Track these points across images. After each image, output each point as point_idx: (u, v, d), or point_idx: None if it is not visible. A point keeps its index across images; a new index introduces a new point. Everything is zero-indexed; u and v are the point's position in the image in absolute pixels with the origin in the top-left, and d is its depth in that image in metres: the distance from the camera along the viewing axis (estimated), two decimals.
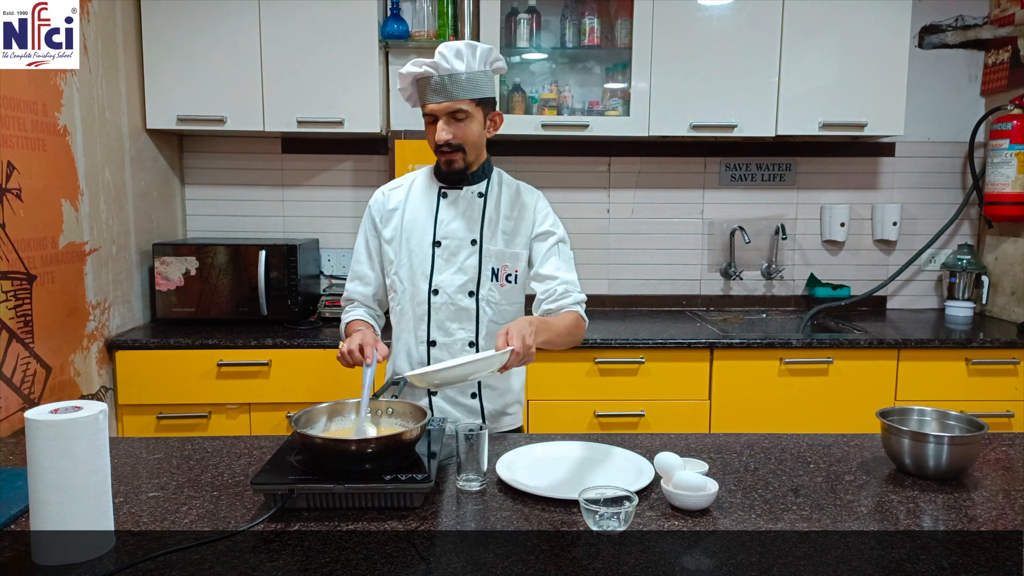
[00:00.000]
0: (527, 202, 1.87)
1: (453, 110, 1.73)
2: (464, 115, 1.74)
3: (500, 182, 1.89)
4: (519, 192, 1.89)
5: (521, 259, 1.86)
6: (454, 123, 1.74)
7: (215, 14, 2.89)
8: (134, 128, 2.89)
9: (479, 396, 1.88)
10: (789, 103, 3.00)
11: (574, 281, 1.85)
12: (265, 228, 3.36)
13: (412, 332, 1.87)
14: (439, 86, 1.71)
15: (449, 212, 1.85)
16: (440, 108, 1.73)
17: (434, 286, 1.83)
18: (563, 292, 1.81)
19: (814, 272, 3.45)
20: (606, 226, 3.41)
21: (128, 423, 2.73)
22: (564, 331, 1.75)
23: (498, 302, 1.85)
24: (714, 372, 2.80)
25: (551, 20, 3.17)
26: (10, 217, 2.11)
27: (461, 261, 1.83)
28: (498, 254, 1.83)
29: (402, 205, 1.89)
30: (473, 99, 1.74)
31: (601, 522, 1.25)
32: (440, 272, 1.83)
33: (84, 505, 1.14)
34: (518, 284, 1.86)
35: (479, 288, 1.83)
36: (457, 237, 1.83)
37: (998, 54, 3.28)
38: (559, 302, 1.81)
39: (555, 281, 1.82)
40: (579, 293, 1.84)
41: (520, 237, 1.85)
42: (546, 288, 1.83)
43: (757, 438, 1.74)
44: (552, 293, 1.82)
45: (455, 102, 1.72)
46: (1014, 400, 2.84)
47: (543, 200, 1.91)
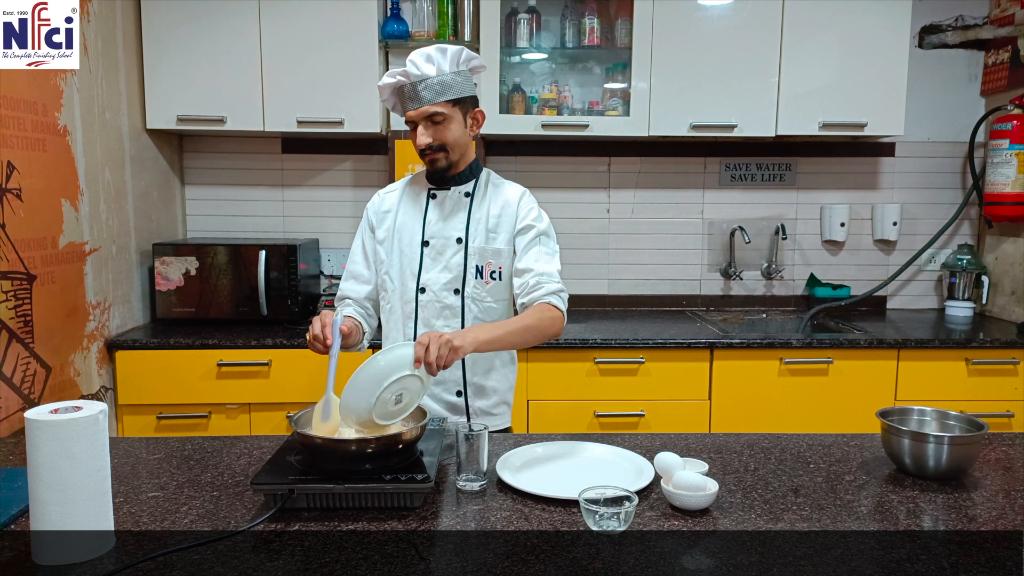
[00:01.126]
0: (511, 199, 1.88)
1: (429, 114, 1.76)
2: (441, 117, 1.76)
3: (487, 182, 1.92)
4: (504, 190, 1.91)
5: (504, 255, 1.86)
6: (433, 126, 1.77)
7: (215, 14, 2.89)
8: (134, 128, 2.89)
9: (464, 395, 1.90)
10: (789, 103, 3.00)
11: (551, 273, 1.81)
12: (265, 228, 3.36)
13: (401, 330, 1.90)
14: (412, 92, 1.76)
15: (436, 212, 1.88)
16: (416, 114, 1.76)
17: (421, 284, 1.86)
18: (535, 284, 1.79)
19: (814, 272, 3.45)
20: (606, 226, 3.41)
21: (128, 423, 2.73)
22: (521, 328, 1.70)
23: (483, 299, 1.87)
24: (714, 372, 2.80)
25: (551, 20, 3.17)
26: (10, 217, 2.11)
27: (447, 260, 1.86)
28: (481, 251, 1.85)
29: (395, 207, 1.93)
30: (448, 100, 1.76)
31: (601, 522, 1.25)
32: (427, 271, 1.86)
33: (84, 505, 1.14)
34: (503, 281, 1.87)
35: (464, 286, 1.85)
36: (443, 236, 1.86)
37: (998, 54, 3.28)
38: (531, 295, 1.78)
39: (529, 274, 1.81)
40: (554, 283, 1.79)
41: (503, 234, 1.86)
42: (521, 282, 1.81)
43: (757, 438, 1.74)
44: (525, 286, 1.80)
45: (429, 106, 1.75)
46: (1014, 400, 2.84)
47: (528, 196, 1.91)
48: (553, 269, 1.83)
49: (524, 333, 1.71)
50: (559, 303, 1.79)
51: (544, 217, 1.89)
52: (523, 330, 1.71)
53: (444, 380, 1.89)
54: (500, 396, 1.95)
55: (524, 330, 1.71)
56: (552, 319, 1.76)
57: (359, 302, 1.96)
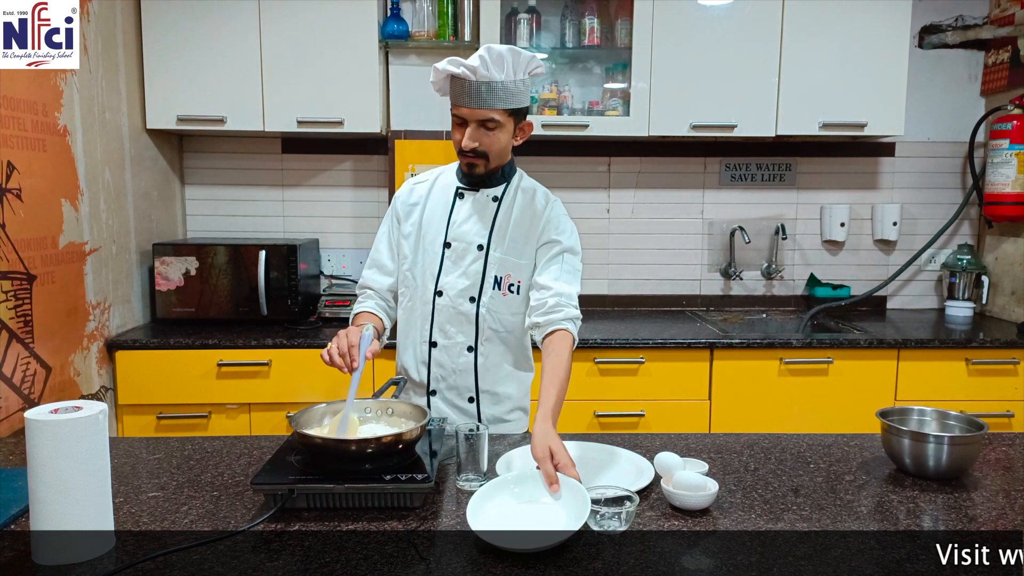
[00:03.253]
0: (539, 209, 1.80)
1: (485, 119, 1.67)
2: (495, 124, 1.68)
3: (518, 187, 1.83)
4: (534, 198, 1.82)
5: (525, 270, 1.80)
6: (483, 131, 1.69)
7: (215, 14, 2.89)
8: (134, 128, 2.89)
9: (476, 401, 1.85)
10: (789, 103, 3.00)
11: (570, 294, 1.73)
12: (265, 228, 3.36)
13: (419, 331, 1.85)
14: (474, 91, 1.64)
15: (462, 213, 1.82)
16: (472, 114, 1.67)
17: (439, 288, 1.81)
18: (554, 305, 1.70)
19: (814, 272, 3.45)
20: (606, 226, 3.41)
21: (128, 423, 2.73)
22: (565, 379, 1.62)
23: (499, 311, 1.81)
24: (714, 372, 2.80)
25: (551, 20, 3.17)
26: (10, 217, 2.11)
27: (466, 266, 1.80)
28: (502, 262, 1.79)
29: (423, 200, 1.86)
30: (507, 109, 1.68)
31: (602, 522, 1.25)
32: (446, 274, 1.81)
33: (84, 505, 1.14)
34: (520, 295, 1.80)
35: (480, 295, 1.80)
36: (466, 240, 1.80)
37: (998, 54, 3.28)
38: (548, 316, 1.70)
39: (548, 292, 1.72)
40: (572, 308, 1.72)
41: (528, 247, 1.79)
42: (539, 297, 1.74)
43: (757, 438, 1.74)
44: (543, 305, 1.72)
45: (488, 111, 1.66)
46: (1014, 400, 2.84)
47: (558, 207, 1.82)
48: (573, 291, 1.74)
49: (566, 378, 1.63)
50: (574, 330, 1.72)
51: (572, 230, 1.81)
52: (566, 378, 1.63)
53: (457, 386, 1.84)
54: (515, 402, 1.89)
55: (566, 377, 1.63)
56: (571, 349, 1.69)
57: (380, 293, 1.89)
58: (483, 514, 1.25)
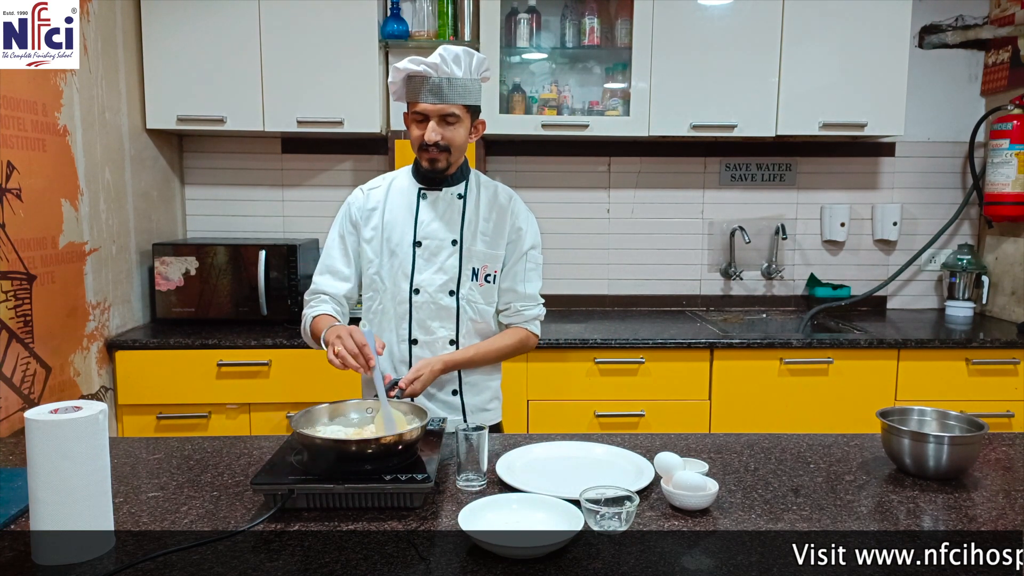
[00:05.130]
0: (504, 204, 1.92)
1: (446, 113, 1.77)
2: (455, 119, 1.79)
3: (478, 184, 1.93)
4: (496, 194, 1.93)
5: (498, 259, 1.90)
6: (444, 125, 1.79)
7: (215, 14, 2.89)
8: (134, 128, 2.89)
9: (460, 393, 1.92)
10: (789, 103, 3.00)
11: (533, 295, 1.93)
12: (265, 228, 3.36)
13: (394, 331, 1.89)
14: (436, 88, 1.75)
15: (429, 213, 1.88)
16: (434, 109, 1.77)
17: (415, 285, 1.86)
18: (519, 308, 1.91)
19: (814, 272, 3.45)
20: (606, 226, 3.41)
21: (128, 423, 2.73)
22: (494, 353, 1.90)
23: (477, 301, 1.89)
24: (714, 372, 2.80)
25: (551, 20, 3.17)
26: (10, 217, 2.11)
27: (442, 261, 1.86)
28: (480, 255, 1.87)
29: (381, 205, 1.91)
30: (465, 105, 1.79)
31: (602, 522, 1.25)
32: (421, 272, 1.86)
33: (84, 505, 1.14)
34: (495, 284, 1.92)
35: (459, 287, 1.87)
36: (438, 237, 1.87)
37: (998, 54, 3.28)
38: (511, 319, 1.93)
39: (514, 295, 1.91)
40: (535, 308, 1.93)
41: (500, 239, 1.90)
42: (504, 302, 1.92)
43: (757, 438, 1.74)
44: (508, 309, 1.92)
45: (450, 105, 1.77)
46: (1014, 400, 2.84)
47: (519, 202, 1.95)
48: (535, 290, 1.94)
49: (495, 356, 1.92)
50: (536, 329, 1.95)
51: (534, 223, 1.96)
52: (496, 355, 1.92)
53: (440, 380, 1.89)
54: (492, 392, 1.99)
55: (497, 354, 1.92)
56: (526, 344, 1.94)
57: (336, 299, 1.92)
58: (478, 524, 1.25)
